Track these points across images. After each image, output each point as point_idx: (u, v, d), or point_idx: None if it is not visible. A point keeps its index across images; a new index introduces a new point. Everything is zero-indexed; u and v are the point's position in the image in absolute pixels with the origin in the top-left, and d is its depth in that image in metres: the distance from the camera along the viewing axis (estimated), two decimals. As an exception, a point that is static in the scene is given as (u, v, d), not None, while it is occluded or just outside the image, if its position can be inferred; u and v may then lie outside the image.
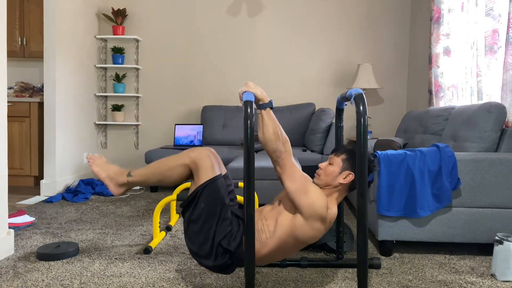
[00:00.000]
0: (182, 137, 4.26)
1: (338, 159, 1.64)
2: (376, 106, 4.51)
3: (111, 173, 1.72)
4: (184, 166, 1.62)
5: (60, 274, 1.82)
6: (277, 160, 1.55)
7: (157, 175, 1.65)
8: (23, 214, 2.63)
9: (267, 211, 1.62)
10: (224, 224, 1.53)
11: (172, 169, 1.63)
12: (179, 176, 1.64)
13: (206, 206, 1.53)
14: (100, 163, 1.75)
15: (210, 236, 1.52)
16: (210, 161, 1.59)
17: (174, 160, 1.63)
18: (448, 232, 2.10)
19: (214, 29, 4.53)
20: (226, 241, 1.52)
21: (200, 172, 1.58)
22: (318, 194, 1.53)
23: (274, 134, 1.51)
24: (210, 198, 1.54)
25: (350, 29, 4.45)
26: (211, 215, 1.53)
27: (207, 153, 1.61)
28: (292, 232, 1.52)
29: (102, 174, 1.72)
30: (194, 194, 1.55)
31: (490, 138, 2.23)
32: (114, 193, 1.72)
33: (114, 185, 1.71)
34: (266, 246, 1.54)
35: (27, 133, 3.99)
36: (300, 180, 1.53)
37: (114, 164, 1.78)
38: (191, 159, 1.60)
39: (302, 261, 1.92)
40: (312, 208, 1.49)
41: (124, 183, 1.70)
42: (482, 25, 2.73)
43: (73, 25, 3.92)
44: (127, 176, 1.69)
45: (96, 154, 1.78)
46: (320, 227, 1.53)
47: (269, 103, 1.55)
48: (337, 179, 1.62)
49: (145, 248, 2.11)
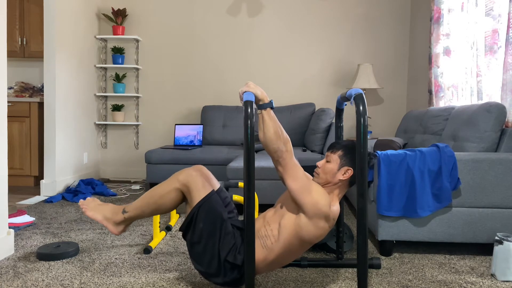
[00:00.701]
0: (182, 137, 4.26)
1: (335, 155, 1.64)
2: (376, 106, 4.51)
3: (107, 214, 1.71)
4: (176, 190, 1.61)
5: (60, 274, 1.82)
6: (278, 160, 1.54)
7: (151, 205, 1.64)
8: (23, 214, 2.63)
9: (270, 216, 1.62)
10: (226, 239, 1.53)
11: (164, 197, 1.62)
12: (173, 201, 1.63)
13: (205, 225, 1.53)
14: (93, 207, 1.74)
15: (215, 253, 1.52)
16: (200, 180, 1.59)
17: (164, 187, 1.62)
18: (448, 232, 2.10)
19: (214, 29, 4.53)
20: (231, 255, 1.52)
21: (192, 193, 1.58)
22: (321, 192, 1.53)
23: (275, 134, 1.51)
24: (208, 216, 1.53)
25: (350, 29, 4.45)
26: (212, 233, 1.53)
27: (195, 173, 1.61)
28: (296, 233, 1.52)
29: (98, 217, 1.71)
30: (190, 216, 1.55)
31: (490, 138, 2.23)
32: (114, 233, 1.71)
33: (112, 225, 1.70)
34: (273, 251, 1.54)
35: (27, 133, 3.99)
36: (302, 179, 1.53)
37: (108, 204, 1.77)
38: (180, 182, 1.60)
39: (302, 261, 1.92)
40: (316, 207, 1.49)
41: (121, 220, 1.69)
42: (482, 25, 2.73)
43: (73, 25, 3.92)
44: (123, 213, 1.68)
45: (88, 198, 1.77)
46: (325, 225, 1.53)
47: (269, 103, 1.54)
48: (336, 176, 1.62)
49: (145, 248, 2.11)
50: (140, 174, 4.65)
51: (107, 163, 4.67)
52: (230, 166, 2.94)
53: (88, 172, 4.33)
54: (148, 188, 4.02)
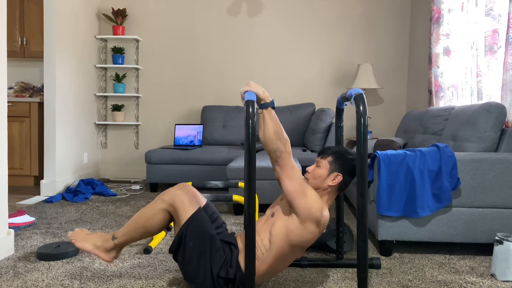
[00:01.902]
0: (182, 137, 4.26)
1: (325, 161, 1.64)
2: (376, 106, 4.51)
3: (97, 242, 1.69)
4: (162, 211, 1.60)
5: (60, 274, 1.82)
6: (277, 160, 1.54)
7: (140, 229, 1.62)
8: (23, 214, 2.63)
9: (260, 226, 1.61)
10: (217, 255, 1.53)
11: (151, 219, 1.60)
12: (161, 223, 1.61)
13: (194, 244, 1.52)
14: (82, 237, 1.71)
15: (207, 271, 1.52)
16: (185, 197, 1.58)
17: (150, 209, 1.61)
18: (448, 232, 2.10)
19: (214, 29, 4.53)
20: (224, 271, 1.51)
21: (178, 212, 1.56)
22: (315, 197, 1.53)
23: (275, 134, 1.51)
24: (196, 234, 1.53)
25: (350, 29, 4.45)
26: (202, 251, 1.52)
27: (179, 191, 1.59)
28: (287, 237, 1.51)
29: (88, 246, 1.69)
30: (179, 236, 1.54)
31: (490, 138, 2.23)
32: (107, 260, 1.69)
33: (104, 252, 1.68)
34: (265, 262, 1.54)
35: (27, 133, 3.99)
36: (298, 181, 1.53)
37: (97, 232, 1.74)
38: (166, 202, 1.58)
39: (302, 261, 1.92)
40: (309, 211, 1.49)
41: (112, 247, 1.68)
42: (482, 25, 2.73)
43: (73, 25, 3.92)
44: (112, 239, 1.67)
45: (77, 229, 1.75)
46: (315, 230, 1.53)
47: (270, 103, 1.54)
48: (325, 182, 1.62)
49: (145, 248, 2.11)
50: (140, 174, 4.65)
51: (107, 163, 4.67)
52: (230, 166, 2.94)
53: (88, 172, 4.33)
54: (148, 188, 4.03)
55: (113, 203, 3.34)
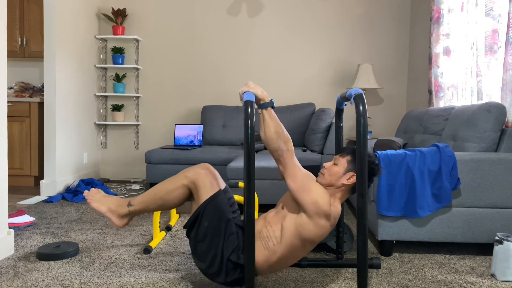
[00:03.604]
0: (182, 137, 4.26)
1: (343, 160, 1.64)
2: (376, 106, 4.51)
3: (112, 206, 1.70)
4: (183, 187, 1.61)
5: (60, 274, 1.82)
6: (279, 159, 1.55)
7: (157, 200, 1.64)
8: (23, 214, 2.63)
9: (271, 217, 1.62)
10: (230, 238, 1.54)
11: (170, 192, 1.62)
12: (179, 198, 1.63)
13: (210, 224, 1.53)
14: (98, 198, 1.73)
15: (218, 252, 1.52)
16: (208, 178, 1.59)
17: (172, 183, 1.62)
18: (448, 232, 2.10)
19: (214, 29, 4.53)
20: (235, 255, 1.52)
21: (199, 191, 1.57)
22: (321, 191, 1.53)
23: (276, 133, 1.52)
24: (213, 215, 1.54)
25: (350, 29, 4.45)
26: (217, 232, 1.53)
27: (203, 171, 1.61)
28: (298, 232, 1.52)
29: (103, 208, 1.70)
30: (196, 214, 1.55)
31: (490, 138, 2.23)
32: (118, 225, 1.70)
33: (117, 217, 1.70)
34: (275, 253, 1.54)
35: (27, 133, 3.99)
36: (302, 178, 1.53)
37: (113, 196, 1.76)
38: (188, 179, 1.59)
39: (302, 261, 1.92)
40: (315, 205, 1.49)
41: (126, 214, 1.69)
42: (482, 25, 2.73)
43: (73, 25, 3.92)
44: (128, 206, 1.68)
45: (93, 189, 1.76)
46: (326, 224, 1.53)
47: (270, 103, 1.55)
48: (340, 180, 1.62)
49: (145, 248, 2.11)
50: (140, 174, 4.65)
51: (107, 163, 4.67)
52: (230, 166, 2.94)
53: (88, 172, 4.33)
54: (148, 188, 4.02)
55: (113, 203, 3.33)
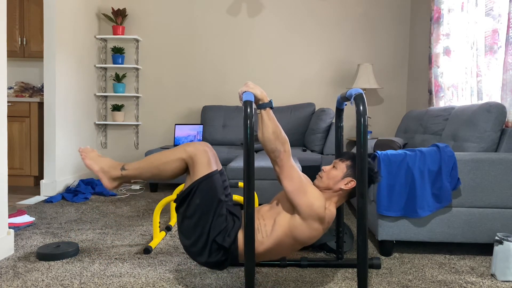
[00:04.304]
0: (182, 137, 4.26)
1: (343, 164, 1.65)
2: (376, 106, 4.51)
3: (105, 167, 1.68)
4: (181, 161, 1.60)
5: (60, 274, 1.82)
6: (275, 160, 1.55)
7: (152, 169, 1.62)
8: (23, 214, 2.63)
9: (265, 210, 1.63)
10: (219, 220, 1.53)
11: (167, 164, 1.60)
12: (175, 171, 1.62)
13: (201, 202, 1.52)
14: (92, 156, 1.72)
15: (205, 232, 1.52)
16: (206, 156, 1.58)
17: (170, 155, 1.61)
18: (448, 232, 2.10)
19: (214, 29, 4.53)
20: (220, 237, 1.52)
21: (196, 167, 1.57)
22: (316, 194, 1.53)
23: (274, 134, 1.52)
24: (206, 194, 1.53)
25: (350, 29, 4.45)
26: (207, 211, 1.52)
27: (204, 148, 1.60)
28: (290, 232, 1.53)
29: (95, 167, 1.69)
30: (189, 189, 1.54)
31: (490, 138, 2.23)
32: (108, 187, 1.68)
33: (108, 178, 1.68)
34: (262, 245, 1.55)
35: (27, 133, 3.99)
36: (298, 180, 1.53)
37: (107, 157, 1.75)
38: (187, 153, 1.58)
39: (302, 261, 1.92)
40: (310, 208, 1.49)
41: (117, 176, 1.67)
42: (482, 25, 2.73)
43: (73, 25, 3.92)
44: (121, 169, 1.66)
45: (88, 147, 1.75)
46: (319, 227, 1.53)
47: (269, 103, 1.55)
48: (338, 184, 1.62)
49: (145, 248, 2.11)
50: (140, 174, 4.64)
51: (107, 163, 4.66)
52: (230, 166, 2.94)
53: (88, 172, 4.33)
54: (148, 188, 4.03)
55: (113, 203, 3.34)
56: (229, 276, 1.83)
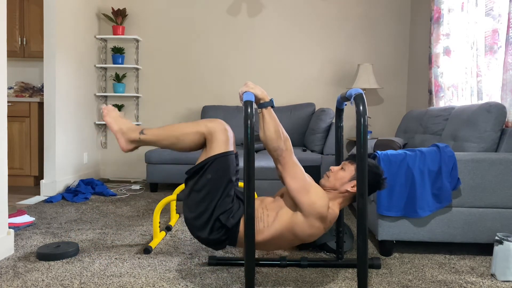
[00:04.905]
0: (182, 137, 4.25)
1: (351, 167, 1.65)
2: (376, 106, 4.51)
3: (124, 128, 1.69)
4: (200, 134, 1.60)
5: (60, 274, 1.82)
6: (278, 159, 1.55)
7: (171, 138, 1.63)
8: (23, 214, 2.63)
9: (269, 201, 1.64)
10: (226, 200, 1.54)
11: (187, 135, 1.61)
12: (192, 143, 1.62)
13: (213, 177, 1.53)
14: (114, 115, 1.72)
15: (210, 208, 1.53)
16: (225, 135, 1.59)
17: (191, 127, 1.62)
18: (448, 232, 2.10)
19: (214, 29, 4.53)
20: (225, 216, 1.53)
21: (214, 143, 1.57)
22: (320, 193, 1.53)
23: (275, 132, 1.52)
24: (219, 171, 1.54)
25: (350, 29, 4.44)
26: (216, 188, 1.53)
27: (224, 127, 1.61)
28: (291, 227, 1.53)
29: (115, 126, 1.69)
30: (203, 164, 1.55)
31: (490, 138, 2.23)
32: (123, 148, 1.68)
33: (125, 140, 1.68)
34: (262, 234, 1.56)
35: (27, 133, 3.99)
36: (301, 178, 1.53)
37: (127, 119, 1.75)
38: (208, 128, 1.59)
39: (302, 261, 1.92)
40: (312, 207, 1.50)
41: (135, 139, 1.67)
42: (482, 25, 2.73)
43: (73, 25, 3.92)
44: (140, 133, 1.66)
45: (110, 106, 1.76)
46: (320, 226, 1.54)
47: (270, 102, 1.55)
48: (344, 186, 1.62)
49: (145, 248, 2.11)
50: (140, 174, 4.65)
51: (107, 163, 4.67)
52: (230, 166, 2.94)
53: (88, 172, 4.33)
54: (148, 188, 4.03)
55: (113, 203, 3.34)
56: (229, 276, 1.83)
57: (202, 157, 1.60)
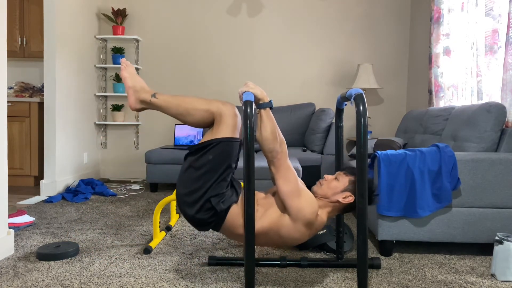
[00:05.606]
0: (182, 137, 4.26)
1: (346, 178, 1.65)
2: (376, 106, 4.51)
3: (138, 86, 1.69)
4: (210, 113, 1.60)
5: (60, 274, 1.82)
6: (272, 160, 1.55)
7: (181, 109, 1.62)
8: (23, 214, 2.63)
9: (260, 197, 1.65)
10: (221, 184, 1.55)
11: (197, 110, 1.61)
12: (200, 120, 1.62)
13: (213, 158, 1.53)
14: (131, 71, 1.73)
15: (204, 188, 1.53)
16: (235, 120, 1.58)
17: (203, 103, 1.61)
18: (448, 232, 2.10)
19: (214, 29, 4.53)
20: (216, 199, 1.53)
21: (222, 125, 1.57)
22: (310, 199, 1.53)
23: (272, 134, 1.52)
24: (221, 154, 1.54)
25: (350, 29, 4.44)
26: (215, 170, 1.53)
27: (235, 112, 1.60)
28: (277, 228, 1.54)
29: (129, 82, 1.69)
30: (207, 144, 1.55)
31: (490, 138, 2.23)
32: (131, 105, 1.69)
33: (136, 98, 1.68)
34: None
35: (27, 133, 3.99)
36: (294, 182, 1.54)
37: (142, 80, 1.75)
38: (219, 109, 1.58)
39: (302, 261, 1.92)
40: (301, 212, 1.50)
41: (145, 100, 1.67)
42: (482, 25, 2.73)
43: (73, 25, 3.92)
44: (152, 96, 1.66)
45: (129, 62, 1.77)
46: (305, 232, 1.54)
47: (268, 103, 1.56)
48: (336, 196, 1.63)
49: (145, 248, 2.11)
50: (140, 174, 4.65)
51: (107, 163, 4.67)
52: (230, 166, 2.94)
53: (88, 172, 4.33)
54: (148, 188, 4.03)
55: (113, 203, 3.34)
56: (229, 276, 1.83)
57: (207, 136, 1.59)
